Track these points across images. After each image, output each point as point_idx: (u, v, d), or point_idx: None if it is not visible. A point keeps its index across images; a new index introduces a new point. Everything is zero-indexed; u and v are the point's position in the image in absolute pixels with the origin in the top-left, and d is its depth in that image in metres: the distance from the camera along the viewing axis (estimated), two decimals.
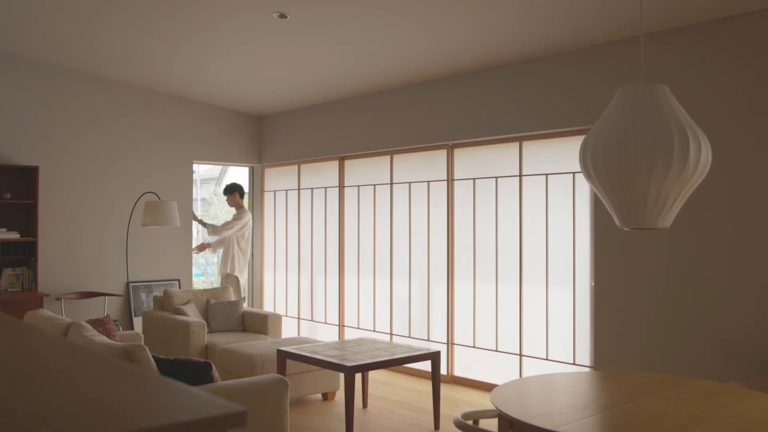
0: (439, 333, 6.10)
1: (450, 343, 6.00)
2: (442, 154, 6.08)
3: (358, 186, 6.93)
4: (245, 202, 7.62)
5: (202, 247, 7.67)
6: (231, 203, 7.47)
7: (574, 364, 5.14)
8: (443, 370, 5.94)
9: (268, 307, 8.01)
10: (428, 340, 6.18)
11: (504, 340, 5.62)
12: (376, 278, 6.74)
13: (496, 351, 5.67)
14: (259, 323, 6.06)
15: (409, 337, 6.35)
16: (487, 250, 5.75)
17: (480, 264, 5.80)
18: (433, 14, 4.59)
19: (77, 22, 5.23)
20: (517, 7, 4.36)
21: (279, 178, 8.05)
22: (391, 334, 6.55)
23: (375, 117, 6.63)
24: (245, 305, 6.68)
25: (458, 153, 5.99)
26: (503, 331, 5.63)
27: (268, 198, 8.12)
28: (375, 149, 6.65)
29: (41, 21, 5.27)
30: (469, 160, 5.90)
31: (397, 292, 6.52)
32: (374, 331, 6.72)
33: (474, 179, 5.84)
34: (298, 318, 7.71)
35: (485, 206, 5.76)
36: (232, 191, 7.41)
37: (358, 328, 6.91)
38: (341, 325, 7.09)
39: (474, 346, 5.85)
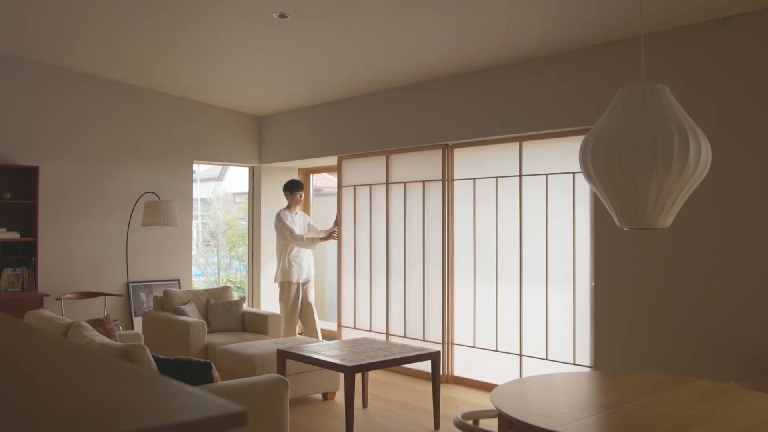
0: (437, 333, 6.08)
1: (449, 343, 5.99)
2: (439, 153, 6.07)
3: (354, 186, 6.92)
4: (243, 204, 7.60)
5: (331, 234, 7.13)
6: (297, 203, 6.98)
7: (574, 364, 5.14)
8: (442, 371, 5.95)
9: (265, 307, 8.00)
10: (424, 340, 6.15)
11: (504, 340, 5.62)
12: (373, 278, 6.71)
13: (496, 351, 5.67)
14: (259, 323, 6.06)
15: (405, 337, 6.32)
16: (487, 250, 5.75)
17: (480, 264, 5.79)
18: (432, 14, 4.59)
19: (77, 22, 5.23)
20: (516, 6, 4.36)
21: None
22: (387, 334, 6.50)
23: (376, 117, 6.62)
24: (245, 305, 6.68)
25: (457, 153, 5.98)
26: (503, 331, 5.63)
27: (346, 193, 7.14)
28: (376, 149, 6.63)
29: (41, 21, 5.27)
30: (469, 160, 5.90)
31: (394, 293, 6.48)
32: (370, 331, 6.68)
33: (474, 179, 5.83)
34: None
35: (485, 206, 5.76)
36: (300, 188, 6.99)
37: (354, 328, 6.88)
38: (339, 325, 7.07)
39: (474, 346, 5.85)
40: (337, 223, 7.13)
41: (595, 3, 4.22)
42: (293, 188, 6.97)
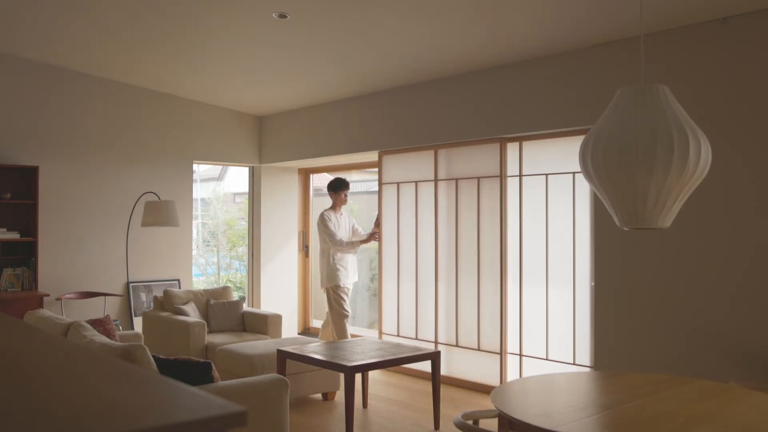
0: (494, 342, 5.55)
1: (505, 352, 5.57)
2: (497, 148, 5.56)
3: (398, 183, 6.42)
4: (244, 203, 7.52)
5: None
6: (342, 202, 6.62)
7: (574, 364, 5.14)
8: (497, 382, 5.55)
9: (265, 307, 7.97)
10: (479, 349, 5.69)
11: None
12: (419, 282, 6.19)
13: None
14: (259, 323, 6.06)
15: (457, 346, 5.85)
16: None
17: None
18: (433, 11, 4.58)
19: (77, 22, 5.23)
20: (518, 5, 4.36)
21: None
22: (435, 342, 6.01)
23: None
24: (245, 305, 6.67)
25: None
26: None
27: (388, 191, 6.54)
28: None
29: (41, 21, 5.27)
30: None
31: (444, 298, 5.97)
32: (416, 339, 6.15)
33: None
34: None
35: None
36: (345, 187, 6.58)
37: (397, 336, 6.35)
38: (380, 333, 6.56)
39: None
40: (378, 223, 6.61)
41: (596, 3, 4.21)
42: (338, 187, 6.56)
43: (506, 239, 5.55)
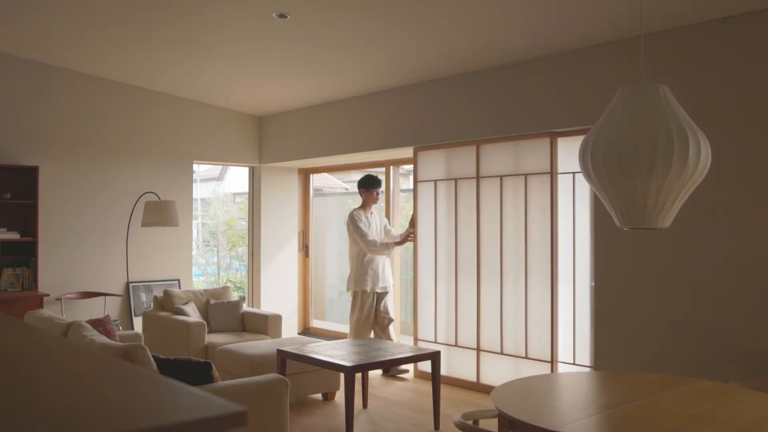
0: (543, 349, 5.24)
1: (556, 360, 5.22)
2: (547, 143, 5.23)
3: (435, 181, 6.06)
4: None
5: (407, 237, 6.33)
6: (373, 201, 6.30)
7: (574, 364, 5.14)
8: None
9: (265, 307, 7.96)
10: (526, 357, 5.35)
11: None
12: (460, 286, 5.83)
13: (501, 354, 5.67)
14: (259, 323, 6.06)
15: (501, 353, 5.52)
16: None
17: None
18: (433, 9, 4.58)
19: (77, 22, 5.23)
20: (516, 5, 4.36)
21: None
22: (478, 349, 5.68)
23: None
24: (245, 305, 6.66)
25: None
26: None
27: (425, 189, 6.14)
28: (375, 149, 6.58)
29: (41, 21, 5.27)
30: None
31: (487, 302, 5.64)
32: (456, 346, 5.84)
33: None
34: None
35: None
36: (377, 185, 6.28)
37: (435, 342, 5.98)
38: (415, 339, 6.19)
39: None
40: (414, 223, 6.22)
41: (596, 3, 4.21)
42: (369, 185, 6.22)
43: (557, 240, 5.23)
